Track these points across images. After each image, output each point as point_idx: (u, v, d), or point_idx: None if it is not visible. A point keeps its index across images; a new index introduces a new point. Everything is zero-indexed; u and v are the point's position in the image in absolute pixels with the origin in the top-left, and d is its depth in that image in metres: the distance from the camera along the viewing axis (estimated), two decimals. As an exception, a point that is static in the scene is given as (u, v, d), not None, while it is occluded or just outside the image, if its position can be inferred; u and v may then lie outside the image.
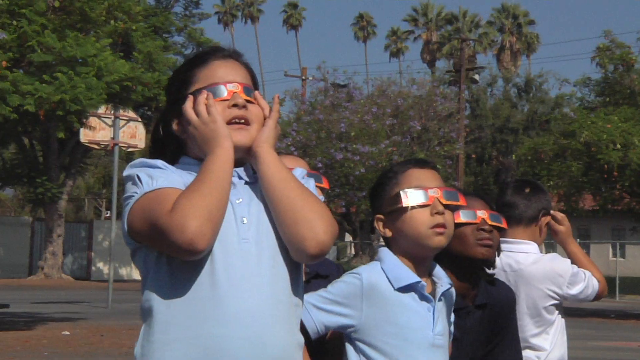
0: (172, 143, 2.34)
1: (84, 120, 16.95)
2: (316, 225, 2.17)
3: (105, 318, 17.30)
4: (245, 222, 2.20)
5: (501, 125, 38.34)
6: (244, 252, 2.17)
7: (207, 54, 2.36)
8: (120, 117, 21.01)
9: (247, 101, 2.28)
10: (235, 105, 2.26)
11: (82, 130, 20.75)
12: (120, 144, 21.37)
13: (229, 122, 2.25)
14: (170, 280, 2.17)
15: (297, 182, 2.25)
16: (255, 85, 2.37)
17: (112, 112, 20.52)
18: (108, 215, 54.47)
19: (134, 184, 2.20)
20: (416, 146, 29.64)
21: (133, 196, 2.18)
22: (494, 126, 38.33)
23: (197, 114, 2.24)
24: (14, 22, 15.58)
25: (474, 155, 38.25)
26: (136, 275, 37.88)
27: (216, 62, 2.32)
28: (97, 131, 21.34)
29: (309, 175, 2.45)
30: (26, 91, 14.70)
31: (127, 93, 17.20)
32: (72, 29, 16.22)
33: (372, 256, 36.08)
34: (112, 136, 21.17)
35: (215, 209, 2.11)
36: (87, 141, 22.06)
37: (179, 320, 2.15)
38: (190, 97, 2.27)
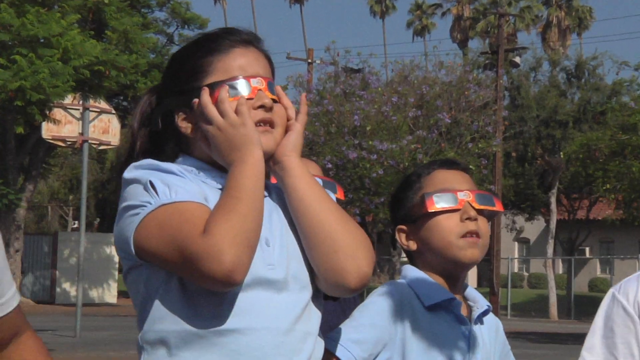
0: (174, 139, 2.36)
1: (47, 112, 16.99)
2: (359, 255, 2.21)
3: (72, 349, 17.32)
4: (269, 245, 2.23)
5: (547, 118, 38.31)
6: (269, 280, 2.20)
7: (223, 38, 2.35)
8: (91, 109, 21.08)
9: (272, 100, 2.29)
10: (261, 107, 2.27)
11: (44, 124, 20.82)
12: (90, 141, 21.43)
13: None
14: (184, 307, 2.18)
15: (333, 201, 2.28)
16: (274, 77, 2.38)
17: (81, 102, 20.59)
18: (75, 225, 54.57)
19: (146, 190, 2.18)
20: (445, 143, 29.61)
21: (145, 206, 2.16)
22: (538, 118, 38.29)
23: (223, 113, 2.25)
24: (-37, -5, 15.65)
25: (514, 154, 38.21)
26: (109, 298, 37.94)
27: (236, 50, 2.32)
28: (62, 125, 21.41)
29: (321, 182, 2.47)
30: (-22, 77, 14.75)
31: (98, 79, 17.23)
32: (33, 3, 16.28)
33: (392, 274, 36.05)
34: (80, 131, 21.24)
35: (254, 234, 2.13)
36: (50, 137, 22.13)
37: (197, 355, 2.17)
38: (206, 90, 2.27)
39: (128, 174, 2.23)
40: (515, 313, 38.78)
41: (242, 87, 2.27)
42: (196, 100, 2.28)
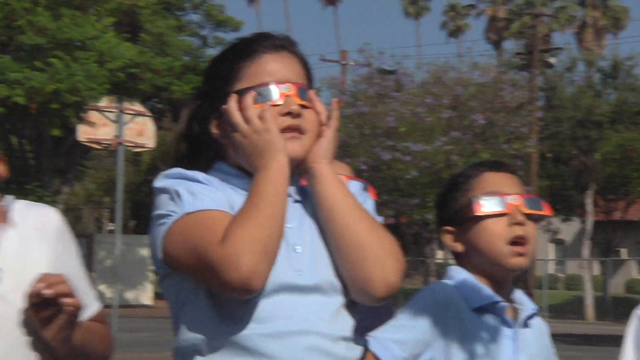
0: (208, 146, 2.37)
1: (83, 114, 17.10)
2: (387, 265, 2.22)
3: (108, 350, 17.40)
4: (299, 250, 2.25)
5: (583, 118, 38.06)
6: (298, 286, 2.22)
7: (255, 43, 2.36)
8: (126, 111, 21.16)
9: (302, 106, 2.29)
10: (288, 113, 2.28)
11: (80, 126, 20.93)
12: (125, 143, 21.51)
13: (280, 131, 2.27)
14: (213, 315, 2.21)
15: (363, 209, 2.28)
16: (310, 81, 2.39)
17: (116, 104, 20.69)
18: (111, 227, 54.87)
19: (172, 199, 2.22)
20: (479, 144, 29.50)
21: (171, 215, 2.20)
22: (573, 119, 38.05)
23: (247, 119, 2.26)
24: (0, -1, 15.76)
25: (549, 154, 37.99)
26: (145, 299, 38.14)
27: (266, 55, 2.33)
28: (98, 128, 21.50)
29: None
30: (14, 80, 14.86)
31: (133, 82, 17.34)
32: (69, 6, 16.38)
33: (427, 275, 35.94)
34: (115, 134, 21.31)
35: (273, 241, 2.15)
36: (86, 140, 22.22)
37: None
38: (234, 97, 2.29)
39: (157, 183, 2.26)
40: (552, 315, 38.55)
41: (270, 93, 2.28)
42: (225, 106, 2.30)
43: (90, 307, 2.41)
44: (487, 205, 2.66)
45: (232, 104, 2.28)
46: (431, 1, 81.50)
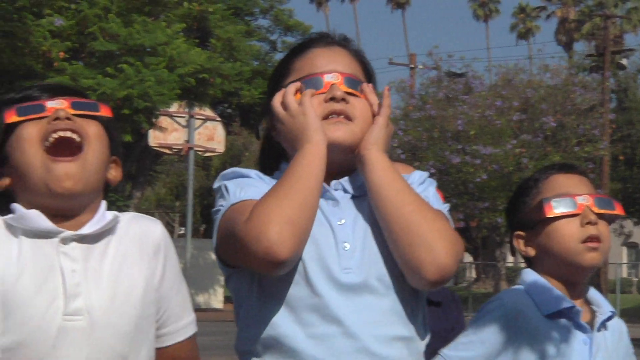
0: (271, 146, 2.42)
1: (154, 120, 17.26)
2: (436, 247, 2.18)
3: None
4: (347, 248, 2.24)
5: (655, 120, 37.56)
6: (346, 285, 2.21)
7: (310, 41, 2.41)
8: (196, 116, 21.35)
9: (351, 94, 2.30)
10: (332, 99, 2.29)
11: (151, 132, 21.15)
12: (195, 148, 21.71)
13: (325, 118, 2.29)
14: (261, 316, 2.23)
15: (413, 193, 2.26)
16: (370, 77, 2.41)
17: (187, 110, 20.87)
18: (182, 232, 55.32)
19: (222, 196, 2.28)
20: (550, 147, 29.24)
21: (220, 210, 2.26)
22: (646, 121, 37.56)
23: (285, 106, 2.29)
24: (73, 6, 15.98)
25: (621, 157, 37.53)
26: (216, 303, 38.43)
27: (317, 50, 2.37)
28: (168, 133, 21.73)
29: None
30: (87, 86, 15.05)
31: (203, 87, 17.46)
32: (140, 13, 16.55)
33: (497, 280, 35.68)
34: (186, 139, 21.55)
35: (296, 212, 2.14)
36: (157, 145, 22.49)
37: None
38: (281, 91, 2.32)
39: (214, 183, 2.33)
40: (625, 319, 37.85)
41: (315, 82, 2.31)
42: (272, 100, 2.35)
43: (179, 334, 2.31)
44: (558, 206, 2.64)
45: (276, 97, 2.32)
46: (500, 3, 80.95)
